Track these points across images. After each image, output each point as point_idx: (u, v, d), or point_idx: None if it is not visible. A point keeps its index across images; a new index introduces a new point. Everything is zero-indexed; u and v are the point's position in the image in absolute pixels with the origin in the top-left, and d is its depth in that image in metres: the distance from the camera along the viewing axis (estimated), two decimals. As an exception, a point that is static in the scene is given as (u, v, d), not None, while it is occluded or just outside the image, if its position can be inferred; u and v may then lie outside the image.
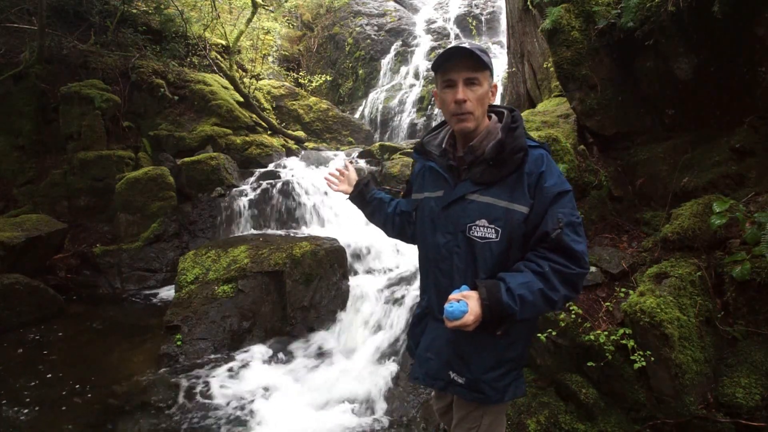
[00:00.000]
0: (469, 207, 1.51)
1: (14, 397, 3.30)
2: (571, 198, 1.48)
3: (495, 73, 1.57)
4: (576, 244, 1.43)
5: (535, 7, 4.09)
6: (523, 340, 1.62)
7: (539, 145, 1.54)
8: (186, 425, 3.05)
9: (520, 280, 1.40)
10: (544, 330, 2.61)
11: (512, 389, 1.59)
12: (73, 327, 4.40)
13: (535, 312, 1.45)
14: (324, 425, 3.01)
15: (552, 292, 1.40)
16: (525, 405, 2.54)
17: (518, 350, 1.60)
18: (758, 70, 2.69)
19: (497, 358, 1.55)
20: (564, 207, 1.45)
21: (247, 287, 4.25)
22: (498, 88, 1.55)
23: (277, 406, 3.21)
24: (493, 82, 1.55)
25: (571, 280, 1.43)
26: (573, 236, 1.43)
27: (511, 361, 1.58)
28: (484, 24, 11.35)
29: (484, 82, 1.49)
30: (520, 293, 1.38)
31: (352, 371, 3.50)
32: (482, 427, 1.64)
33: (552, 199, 1.45)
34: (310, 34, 13.18)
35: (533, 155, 1.50)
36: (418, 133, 9.50)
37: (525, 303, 1.38)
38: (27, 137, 6.54)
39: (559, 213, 1.44)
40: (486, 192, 1.49)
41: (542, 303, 1.41)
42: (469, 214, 1.51)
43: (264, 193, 6.19)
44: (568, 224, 1.44)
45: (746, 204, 2.51)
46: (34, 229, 4.95)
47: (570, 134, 3.50)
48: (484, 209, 1.49)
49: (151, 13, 8.01)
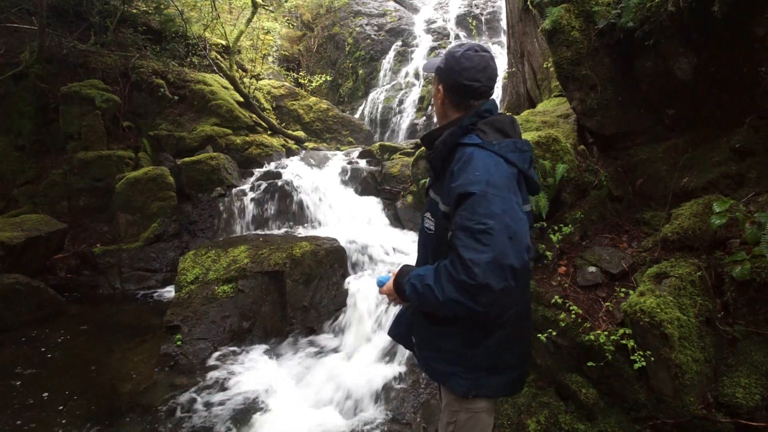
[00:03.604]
0: (426, 200, 1.73)
1: (14, 397, 3.31)
2: (474, 202, 1.37)
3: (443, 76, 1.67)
4: (465, 250, 1.33)
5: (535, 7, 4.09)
6: (464, 340, 1.57)
7: (479, 143, 1.48)
8: (186, 425, 3.05)
9: (420, 272, 1.51)
10: (544, 330, 2.61)
11: (452, 381, 1.61)
12: (73, 327, 4.41)
13: (426, 305, 1.49)
14: (324, 425, 3.01)
15: (438, 291, 1.40)
16: (525, 405, 2.54)
17: (456, 346, 1.58)
18: (758, 70, 2.69)
19: (431, 341, 1.66)
20: (464, 210, 1.38)
21: (247, 287, 4.25)
22: (439, 92, 1.69)
23: (277, 406, 3.21)
24: (439, 83, 1.66)
25: (462, 286, 1.33)
26: (465, 242, 1.34)
27: (449, 352, 1.60)
28: (484, 24, 11.34)
29: (433, 84, 1.71)
30: (414, 283, 1.50)
31: (352, 371, 3.50)
32: (458, 423, 1.66)
33: (456, 200, 1.42)
34: (310, 34, 13.18)
35: (463, 154, 1.47)
36: (418, 134, 9.50)
37: (416, 293, 1.48)
38: (27, 137, 6.54)
39: (457, 215, 1.40)
40: (433, 187, 1.68)
41: (431, 299, 1.43)
42: (425, 207, 1.72)
43: (264, 193, 6.20)
44: (462, 228, 1.36)
45: (746, 204, 2.51)
46: (34, 229, 4.95)
47: (570, 134, 3.50)
48: (429, 203, 1.67)
49: (151, 13, 8.01)
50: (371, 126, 10.48)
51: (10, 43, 6.66)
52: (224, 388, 3.43)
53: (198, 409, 3.21)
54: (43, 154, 6.60)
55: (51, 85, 6.56)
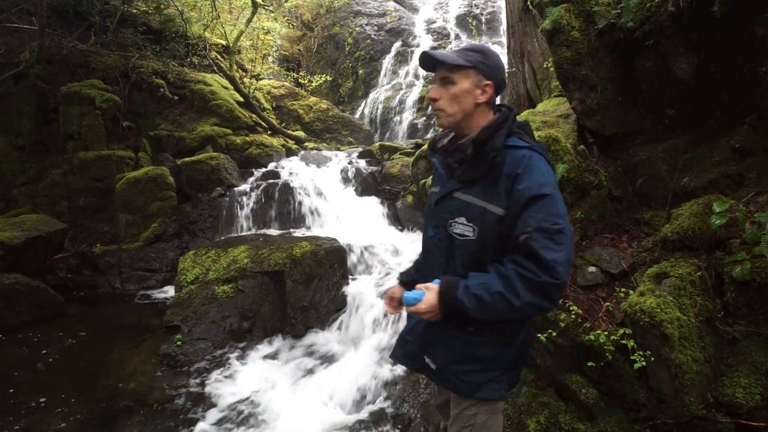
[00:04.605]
0: (452, 204, 1.57)
1: (14, 397, 3.30)
2: (548, 203, 1.40)
3: (488, 72, 1.54)
4: (546, 251, 1.35)
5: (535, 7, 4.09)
6: (497, 343, 1.58)
7: (528, 146, 1.49)
8: (186, 425, 3.05)
9: (481, 281, 1.43)
10: (544, 330, 2.61)
11: (486, 389, 1.58)
12: (73, 327, 4.40)
13: (493, 314, 1.43)
14: (323, 425, 3.01)
15: (513, 297, 1.37)
16: (525, 405, 2.54)
17: (491, 351, 1.57)
18: (758, 70, 2.69)
19: (465, 353, 1.58)
20: (538, 212, 1.39)
21: (247, 287, 4.25)
22: (493, 86, 1.55)
23: (277, 406, 3.21)
24: (485, 80, 1.53)
25: (541, 288, 1.36)
26: (544, 243, 1.36)
27: (482, 360, 1.57)
28: (484, 24, 11.34)
29: (460, 80, 1.51)
30: (476, 293, 1.41)
31: (352, 371, 3.50)
32: (476, 426, 1.64)
33: (525, 203, 1.41)
34: (310, 34, 13.17)
35: (515, 156, 1.46)
36: (418, 134, 9.50)
37: (481, 303, 1.40)
38: (27, 137, 6.54)
39: (530, 218, 1.39)
40: (467, 190, 1.54)
41: (502, 306, 1.38)
42: (452, 211, 1.56)
43: (264, 193, 6.19)
44: (539, 230, 1.37)
45: (746, 204, 2.51)
46: (34, 229, 4.95)
47: (570, 134, 3.50)
48: (464, 207, 1.53)
49: (151, 13, 8.01)
50: (371, 126, 10.48)
51: (10, 43, 6.66)
52: (224, 387, 3.42)
53: (198, 409, 3.21)
54: (43, 154, 6.60)
55: (51, 85, 6.56)
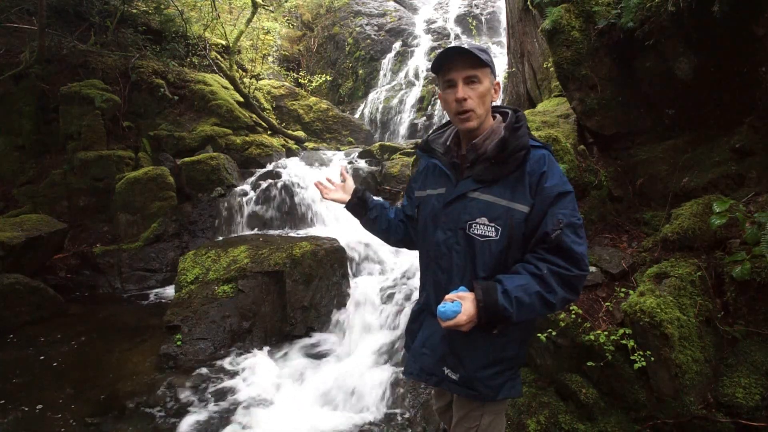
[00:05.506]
0: (470, 205, 1.52)
1: (14, 397, 3.30)
2: (572, 199, 1.47)
3: (496, 73, 1.57)
4: (576, 245, 1.42)
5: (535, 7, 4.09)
6: (519, 340, 1.61)
7: (542, 145, 1.54)
8: (186, 425, 3.04)
9: (518, 282, 1.40)
10: (544, 330, 2.61)
11: (506, 388, 1.59)
12: (73, 327, 4.40)
13: (532, 314, 1.44)
14: (323, 425, 3.01)
15: (550, 295, 1.39)
16: (525, 405, 2.54)
17: (514, 350, 1.59)
18: (758, 70, 2.69)
19: (492, 357, 1.55)
20: (565, 208, 1.44)
21: (247, 287, 4.25)
22: (500, 87, 1.55)
23: (277, 406, 3.21)
24: (496, 80, 1.55)
25: (571, 282, 1.41)
26: (573, 237, 1.42)
27: (507, 360, 1.58)
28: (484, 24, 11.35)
29: (484, 79, 1.50)
30: (517, 295, 1.38)
31: (352, 371, 3.49)
32: (481, 427, 1.64)
33: (552, 200, 1.44)
34: (310, 34, 13.18)
35: (535, 155, 1.50)
36: (418, 133, 9.50)
37: (522, 305, 1.38)
38: (27, 137, 6.54)
39: (559, 214, 1.43)
40: (487, 190, 1.50)
41: (540, 305, 1.40)
42: (470, 212, 1.51)
43: (264, 193, 6.20)
44: (569, 225, 1.42)
45: (746, 204, 2.51)
46: (34, 229, 4.95)
47: (570, 134, 3.50)
48: (484, 207, 1.50)
49: (151, 13, 8.01)
50: (371, 126, 10.48)
51: (10, 43, 6.66)
52: (224, 388, 3.42)
53: (198, 410, 3.20)
54: (43, 154, 6.59)
55: (51, 85, 6.56)
